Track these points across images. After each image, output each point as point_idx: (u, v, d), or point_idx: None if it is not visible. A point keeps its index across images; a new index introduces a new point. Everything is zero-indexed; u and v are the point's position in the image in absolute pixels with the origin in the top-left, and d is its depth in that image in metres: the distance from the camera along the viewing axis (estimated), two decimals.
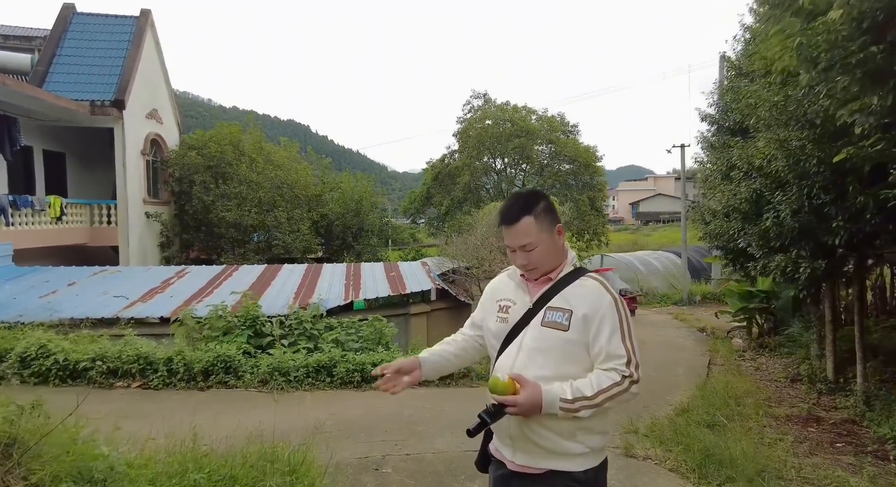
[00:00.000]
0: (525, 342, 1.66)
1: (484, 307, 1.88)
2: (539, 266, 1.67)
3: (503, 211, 1.71)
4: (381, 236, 20.95)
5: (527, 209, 1.65)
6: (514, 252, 1.69)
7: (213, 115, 79.73)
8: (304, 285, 10.03)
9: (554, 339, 1.61)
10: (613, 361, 1.57)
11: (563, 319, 1.61)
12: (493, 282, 1.92)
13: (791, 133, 4.55)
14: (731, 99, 7.81)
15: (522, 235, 1.64)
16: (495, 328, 1.76)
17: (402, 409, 5.96)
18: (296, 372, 6.58)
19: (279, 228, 16.66)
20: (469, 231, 12.37)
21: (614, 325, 1.59)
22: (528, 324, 1.67)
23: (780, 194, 5.35)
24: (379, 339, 7.91)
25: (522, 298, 1.72)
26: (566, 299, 1.64)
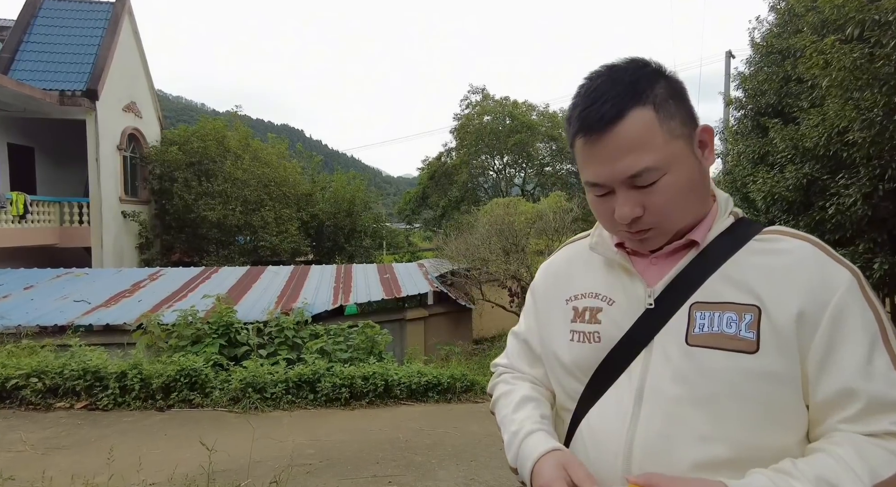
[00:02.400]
0: (652, 383, 0.80)
1: (540, 316, 0.99)
2: (665, 222, 0.81)
3: (584, 102, 0.79)
4: (375, 237, 20.01)
5: (636, 94, 0.77)
6: (605, 195, 0.81)
7: (203, 119, 78.76)
8: (289, 289, 9.12)
9: (725, 372, 0.75)
10: (889, 417, 0.70)
11: (739, 326, 0.75)
12: (551, 263, 1.03)
13: (876, 97, 3.74)
14: (764, 79, 7.03)
15: (631, 149, 0.76)
16: (571, 356, 0.89)
17: (396, 432, 5.09)
18: (273, 388, 5.69)
19: (266, 228, 15.72)
20: (469, 230, 11.50)
21: (872, 333, 0.73)
22: (651, 343, 0.81)
23: (843, 178, 4.52)
24: (371, 348, 7.03)
25: (627, 288, 0.87)
26: (740, 282, 0.78)
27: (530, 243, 10.77)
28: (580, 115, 0.78)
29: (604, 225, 0.88)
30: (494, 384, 1.04)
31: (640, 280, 0.85)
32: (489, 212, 11.59)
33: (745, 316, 0.75)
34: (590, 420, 0.85)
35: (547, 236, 10.81)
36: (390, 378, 6.05)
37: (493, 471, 4.12)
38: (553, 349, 0.93)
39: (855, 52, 3.77)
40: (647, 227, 0.80)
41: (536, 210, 10.94)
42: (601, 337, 0.85)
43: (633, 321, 0.83)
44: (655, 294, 0.82)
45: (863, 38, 3.79)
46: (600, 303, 0.88)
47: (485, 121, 20.46)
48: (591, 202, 0.85)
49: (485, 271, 11.01)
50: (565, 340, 0.90)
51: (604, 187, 0.79)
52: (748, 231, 0.83)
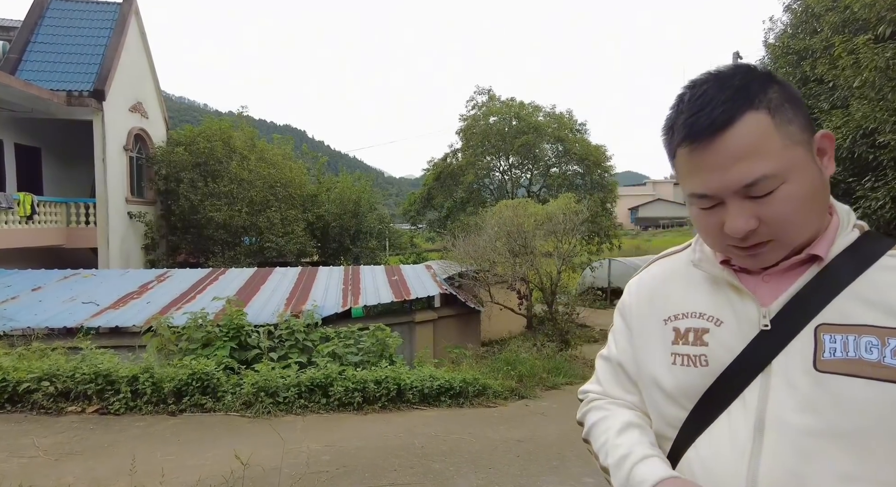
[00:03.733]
0: (774, 412, 0.72)
1: (634, 338, 0.91)
2: (783, 235, 0.73)
3: (690, 108, 0.73)
4: (380, 238, 19.92)
5: (748, 97, 0.70)
6: (713, 208, 0.75)
7: (209, 120, 79.25)
8: (298, 291, 9.06)
9: (869, 404, 0.67)
10: None
11: (883, 352, 0.67)
12: (642, 280, 0.95)
13: None
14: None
15: (745, 156, 0.70)
16: (675, 381, 0.82)
17: (411, 438, 5.03)
18: (286, 392, 5.63)
19: (272, 229, 15.66)
20: (476, 232, 11.42)
21: None
22: (769, 368, 0.74)
23: (871, 181, 4.44)
24: (382, 351, 6.96)
25: (736, 307, 0.79)
26: (878, 303, 0.70)
27: (538, 245, 10.68)
28: (686, 122, 0.72)
29: (708, 241, 0.80)
30: (586, 411, 0.97)
31: (751, 299, 0.77)
32: (497, 213, 11.51)
33: (889, 341, 0.67)
34: (699, 451, 0.77)
35: (556, 237, 10.73)
36: (403, 383, 5.98)
37: (513, 479, 4.05)
38: (651, 373, 0.85)
39: (888, 51, 3.69)
40: (762, 240, 0.73)
41: (546, 212, 10.85)
42: (708, 361, 0.78)
43: (745, 343, 0.75)
44: (772, 314, 0.75)
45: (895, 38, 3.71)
46: (706, 323, 0.80)
47: (491, 122, 20.34)
48: (694, 216, 0.78)
49: (493, 273, 10.93)
50: (666, 363, 0.83)
51: (713, 198, 0.73)
52: (878, 246, 0.75)
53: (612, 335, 0.98)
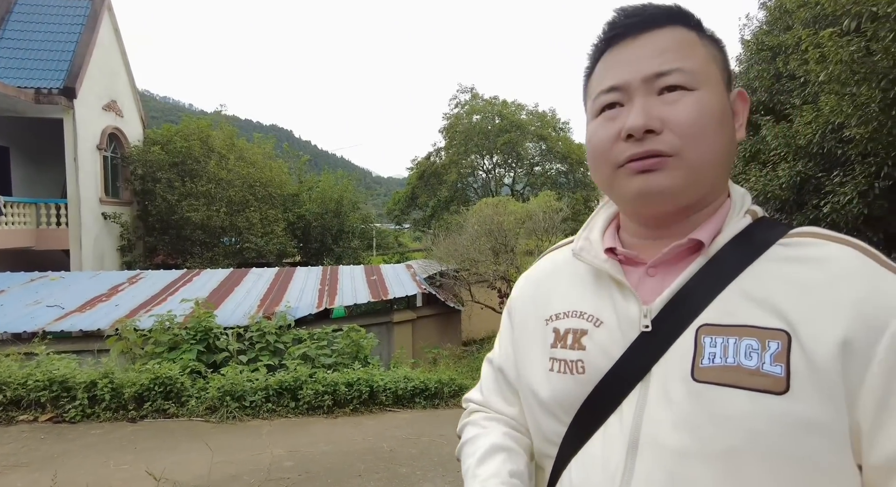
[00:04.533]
0: (648, 429, 0.62)
1: (516, 340, 0.81)
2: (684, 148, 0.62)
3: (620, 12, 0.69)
4: (364, 238, 19.75)
5: (682, 16, 0.68)
6: (615, 110, 0.66)
7: (187, 119, 78.69)
8: (273, 292, 8.88)
9: (745, 419, 0.56)
10: None
11: (762, 357, 0.57)
12: (530, 275, 0.85)
13: (873, 92, 3.62)
14: (755, 76, 6.93)
15: (665, 50, 0.65)
16: (551, 390, 0.72)
17: (381, 441, 4.91)
18: (253, 396, 5.48)
19: (251, 229, 15.43)
20: (458, 231, 11.33)
21: None
22: (648, 376, 0.64)
23: (839, 176, 4.41)
24: (356, 352, 6.83)
25: (618, 305, 0.69)
26: (762, 300, 0.60)
27: (520, 244, 10.62)
28: (613, 22, 0.68)
29: (600, 160, 0.67)
30: (464, 424, 0.86)
31: (633, 296, 0.67)
32: (478, 212, 11.43)
33: (769, 344, 0.57)
34: (571, 474, 0.67)
35: (537, 236, 10.67)
36: (375, 384, 5.85)
37: None
38: (529, 381, 0.75)
39: (852, 45, 3.65)
40: (664, 150, 0.62)
41: (526, 210, 10.79)
42: (585, 367, 0.68)
43: (624, 347, 0.66)
44: (653, 314, 0.65)
45: (860, 31, 3.67)
46: (586, 324, 0.70)
47: (474, 120, 20.28)
48: (591, 133, 0.69)
49: (474, 272, 10.84)
50: (543, 370, 0.72)
51: (620, 91, 0.65)
52: (770, 234, 0.64)
53: (498, 336, 0.87)
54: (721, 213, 0.68)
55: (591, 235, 0.76)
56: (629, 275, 0.69)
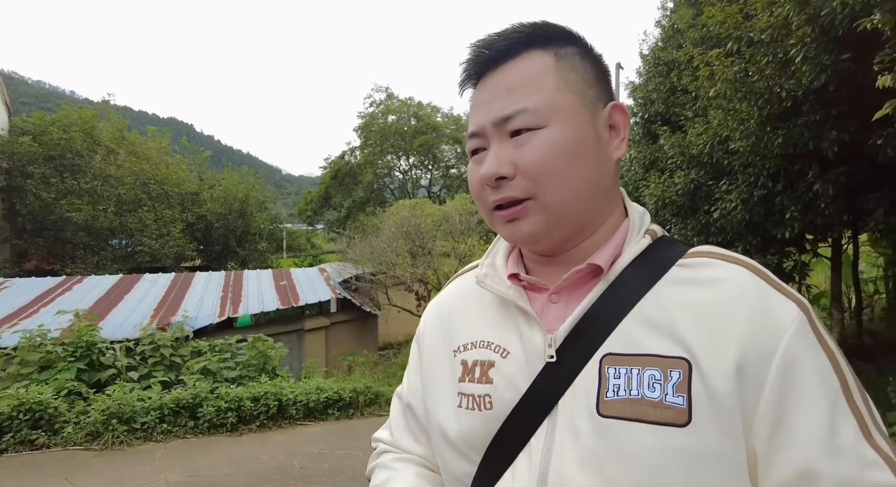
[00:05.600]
0: (557, 467, 0.58)
1: (425, 373, 0.75)
2: (542, 191, 0.61)
3: (475, 45, 0.65)
4: (272, 240, 18.79)
5: (537, 38, 0.64)
6: (479, 155, 0.64)
7: (66, 107, 71.05)
8: (168, 300, 8.14)
9: (649, 455, 0.54)
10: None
11: (665, 388, 0.55)
12: (439, 303, 0.79)
13: (752, 109, 3.99)
14: (653, 89, 7.44)
15: (513, 88, 0.61)
16: (459, 428, 0.66)
17: (291, 458, 4.64)
18: (145, 417, 4.96)
19: (144, 231, 14.12)
20: (374, 233, 11.11)
21: (832, 389, 0.55)
22: (555, 410, 0.60)
23: (725, 184, 4.82)
24: (263, 364, 6.42)
25: (524, 334, 0.65)
26: (662, 326, 0.58)
27: (437, 246, 10.62)
28: (474, 49, 0.64)
29: (478, 203, 0.65)
30: (372, 467, 0.79)
31: (538, 324, 0.63)
32: (395, 214, 11.28)
33: (671, 374, 0.55)
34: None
35: (453, 238, 10.73)
36: (285, 398, 5.53)
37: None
38: (437, 419, 0.69)
39: (735, 66, 4.00)
40: (519, 196, 0.60)
41: (443, 212, 10.82)
42: (493, 402, 0.63)
43: (531, 379, 0.62)
44: (557, 343, 0.61)
45: (741, 54, 4.03)
46: (493, 355, 0.66)
47: (389, 120, 20.04)
48: (468, 174, 0.66)
49: (391, 274, 10.68)
50: (452, 406, 0.67)
51: (480, 137, 0.63)
52: (670, 254, 0.63)
53: (407, 369, 0.80)
54: (619, 234, 0.65)
55: (495, 261, 0.72)
56: (533, 302, 0.66)
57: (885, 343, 7.47)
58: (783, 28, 3.60)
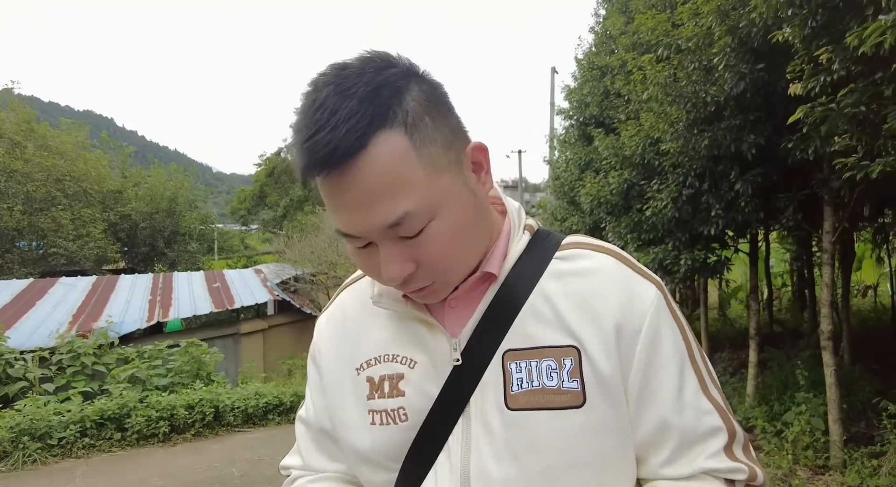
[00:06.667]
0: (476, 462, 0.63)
1: (328, 394, 0.73)
2: (445, 274, 0.62)
3: (308, 124, 0.53)
4: (203, 241, 17.86)
5: (378, 111, 0.53)
6: (366, 247, 0.60)
7: None
8: (89, 305, 7.56)
9: (555, 439, 0.61)
10: (703, 450, 0.64)
11: (561, 376, 0.62)
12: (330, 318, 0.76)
13: (681, 112, 4.24)
14: (588, 92, 7.74)
15: (382, 192, 0.54)
16: (374, 444, 0.67)
17: (228, 466, 4.46)
18: (62, 432, 4.59)
19: (59, 232, 13.00)
20: (314, 232, 10.83)
21: (681, 354, 0.65)
22: (468, 409, 0.64)
23: (657, 183, 5.09)
24: (198, 370, 6.11)
25: (427, 342, 0.67)
26: (551, 318, 0.64)
27: None
28: (305, 146, 0.53)
29: (375, 280, 0.65)
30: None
31: (441, 331, 0.65)
32: None
33: (564, 361, 0.61)
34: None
35: None
36: (222, 404, 5.30)
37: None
38: (349, 439, 0.69)
39: (665, 70, 4.24)
40: (426, 284, 0.61)
41: None
42: (408, 413, 0.65)
43: (441, 384, 0.64)
44: (461, 346, 0.64)
45: (670, 60, 4.27)
46: (400, 367, 0.66)
47: None
48: (351, 254, 0.62)
49: (332, 275, 10.45)
50: (364, 424, 0.67)
51: (360, 239, 0.59)
52: (548, 248, 0.68)
53: (308, 390, 0.77)
54: (503, 237, 0.68)
55: None
56: (433, 311, 0.67)
57: (791, 331, 8.20)
58: (707, 37, 3.86)
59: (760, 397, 5.56)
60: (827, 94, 2.82)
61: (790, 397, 5.05)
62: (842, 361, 5.31)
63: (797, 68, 3.02)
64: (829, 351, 4.14)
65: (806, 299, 8.37)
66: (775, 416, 5.13)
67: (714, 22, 3.75)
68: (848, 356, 5.68)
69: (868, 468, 3.79)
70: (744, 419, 5.64)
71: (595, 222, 7.27)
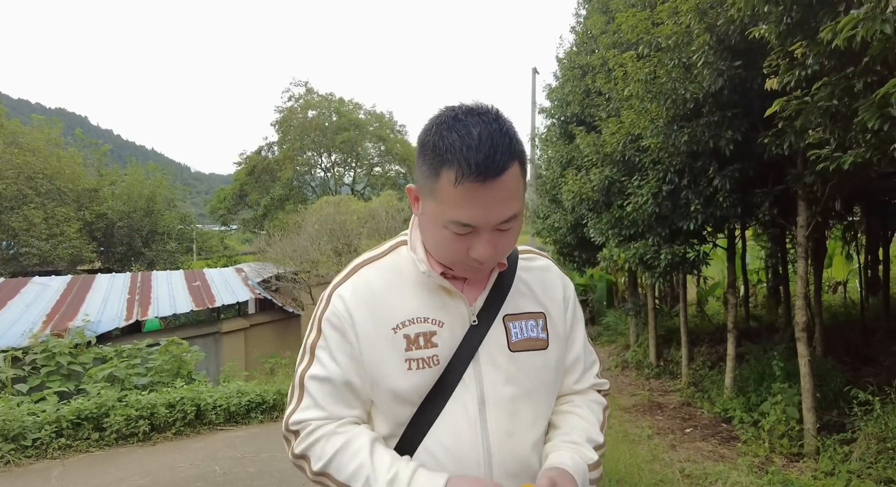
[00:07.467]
0: (489, 389, 0.93)
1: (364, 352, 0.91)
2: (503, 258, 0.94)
3: (479, 147, 0.79)
4: (182, 240, 17.55)
5: (515, 149, 0.84)
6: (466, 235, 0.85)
7: None
8: (64, 305, 7.37)
9: (536, 371, 0.96)
10: (591, 374, 1.08)
11: (538, 330, 0.98)
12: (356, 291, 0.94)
13: (660, 109, 4.32)
14: (569, 91, 7.82)
15: (510, 198, 0.84)
16: (410, 384, 0.91)
17: (212, 464, 4.39)
18: (37, 433, 4.46)
19: (31, 231, 12.65)
20: (296, 231, 10.74)
21: (583, 320, 1.10)
22: (477, 355, 0.93)
23: (637, 180, 5.17)
24: (178, 369, 6.00)
25: (451, 308, 0.94)
26: (529, 295, 1.01)
27: (363, 243, 10.47)
28: (479, 160, 0.78)
29: (448, 257, 0.88)
30: (313, 442, 0.90)
31: (462, 300, 0.93)
32: (318, 210, 10.96)
33: (538, 321, 0.98)
34: (439, 437, 0.89)
35: (379, 235, 10.63)
36: (203, 402, 5.21)
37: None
38: (389, 385, 0.90)
39: (646, 68, 4.32)
40: (491, 264, 0.89)
41: (369, 209, 10.68)
42: (440, 359, 0.90)
43: (461, 337, 0.92)
44: (477, 311, 0.94)
45: (650, 57, 4.36)
46: (432, 327, 0.91)
47: (310, 115, 19.39)
48: (442, 239, 0.85)
49: (314, 273, 10.37)
50: (402, 371, 0.90)
51: (473, 228, 0.83)
52: (516, 252, 1.02)
53: (324, 352, 0.92)
54: None
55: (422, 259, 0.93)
56: (453, 284, 0.93)
57: (766, 326, 8.40)
58: (686, 35, 3.95)
59: (738, 389, 5.69)
60: (802, 88, 2.91)
61: (766, 388, 5.18)
62: (815, 353, 5.47)
63: (773, 63, 3.11)
64: (803, 342, 4.27)
65: (781, 295, 8.59)
66: (752, 407, 5.26)
67: (693, 20, 3.84)
68: (820, 348, 5.84)
69: (840, 454, 3.91)
70: (722, 411, 5.78)
71: (577, 218, 7.35)
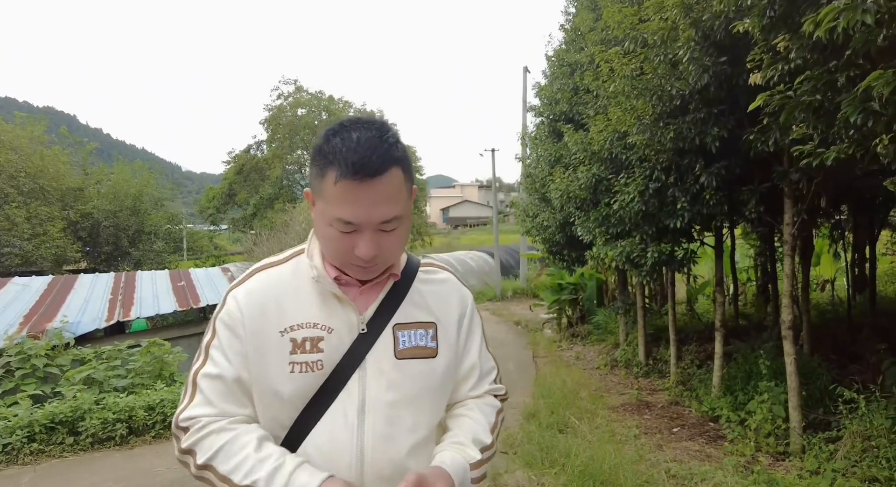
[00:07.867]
0: (371, 394, 0.96)
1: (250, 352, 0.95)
2: (389, 260, 0.98)
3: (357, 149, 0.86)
4: (170, 240, 17.34)
5: (396, 154, 0.91)
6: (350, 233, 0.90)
7: None
8: (43, 306, 7.22)
9: (420, 377, 1.00)
10: (487, 381, 1.13)
11: (427, 339, 1.02)
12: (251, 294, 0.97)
13: (647, 106, 4.27)
14: (558, 89, 7.77)
15: (389, 199, 0.90)
16: (293, 386, 0.94)
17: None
18: (8, 438, 4.37)
19: (13, 230, 12.42)
20: (285, 230, 10.61)
21: (481, 328, 1.15)
22: (364, 363, 0.96)
23: (624, 177, 5.12)
24: (160, 370, 5.89)
25: (341, 316, 0.98)
26: (422, 305, 1.05)
27: None
28: (354, 160, 0.85)
29: (336, 256, 0.93)
30: (200, 437, 0.90)
31: (353, 309, 0.97)
32: (307, 209, 10.84)
33: (428, 331, 1.01)
34: (315, 440, 0.93)
35: None
36: None
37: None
38: (270, 385, 0.93)
39: (632, 63, 4.27)
40: (376, 263, 0.93)
41: None
42: (324, 364, 0.94)
43: (349, 345, 0.95)
44: (366, 320, 0.97)
45: (637, 53, 4.31)
46: (320, 332, 0.94)
47: (299, 114, 19.21)
48: (329, 237, 0.90)
49: None
50: (284, 373, 0.93)
51: (355, 226, 0.88)
52: (415, 265, 1.07)
53: (217, 351, 0.95)
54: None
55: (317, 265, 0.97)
56: (347, 292, 0.97)
57: (755, 324, 8.40)
58: (671, 31, 3.90)
59: (725, 387, 5.66)
60: (785, 82, 2.87)
61: (753, 387, 5.15)
62: (801, 351, 5.45)
63: (757, 58, 3.06)
64: (789, 340, 4.23)
65: (769, 293, 8.59)
66: (739, 406, 5.23)
67: (678, 16, 3.79)
68: (807, 346, 5.83)
69: (825, 452, 3.88)
70: (709, 410, 5.74)
71: (565, 217, 7.30)
